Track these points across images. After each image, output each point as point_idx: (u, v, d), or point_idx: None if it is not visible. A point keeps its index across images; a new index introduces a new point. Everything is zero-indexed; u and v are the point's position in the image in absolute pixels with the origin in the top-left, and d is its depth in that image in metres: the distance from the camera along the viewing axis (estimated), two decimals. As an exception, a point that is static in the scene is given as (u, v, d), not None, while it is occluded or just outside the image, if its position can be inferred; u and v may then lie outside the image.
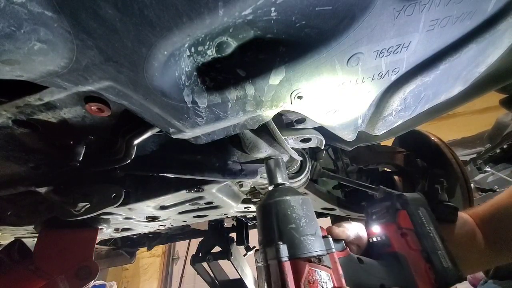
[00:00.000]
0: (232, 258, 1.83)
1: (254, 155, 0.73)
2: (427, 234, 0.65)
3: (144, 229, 1.44)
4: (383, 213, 0.73)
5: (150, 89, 0.42)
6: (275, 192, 0.58)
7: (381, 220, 0.72)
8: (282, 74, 0.46)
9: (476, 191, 2.44)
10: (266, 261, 0.50)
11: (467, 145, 2.94)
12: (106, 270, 4.72)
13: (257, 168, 0.82)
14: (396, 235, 0.67)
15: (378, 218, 0.73)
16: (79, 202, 0.77)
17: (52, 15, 0.32)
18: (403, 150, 1.29)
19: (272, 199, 0.55)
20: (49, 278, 0.94)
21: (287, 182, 0.64)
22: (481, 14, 0.49)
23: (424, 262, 0.62)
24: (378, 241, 0.70)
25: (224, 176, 0.78)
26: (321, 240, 0.52)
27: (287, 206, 0.53)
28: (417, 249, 0.64)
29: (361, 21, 0.41)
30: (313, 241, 0.50)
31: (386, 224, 0.70)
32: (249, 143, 0.67)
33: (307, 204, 0.56)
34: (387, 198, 0.75)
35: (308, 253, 0.49)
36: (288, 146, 0.67)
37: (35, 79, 0.39)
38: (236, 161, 0.81)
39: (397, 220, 0.68)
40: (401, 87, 0.57)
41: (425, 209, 0.69)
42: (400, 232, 0.67)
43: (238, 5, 0.35)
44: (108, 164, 0.67)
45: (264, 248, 0.52)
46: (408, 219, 0.67)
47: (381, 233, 0.70)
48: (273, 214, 0.53)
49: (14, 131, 0.56)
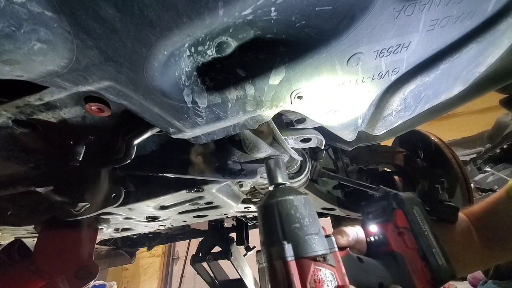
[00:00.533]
0: (232, 258, 1.83)
1: (254, 155, 0.73)
2: (422, 233, 0.66)
3: (144, 229, 1.44)
4: (380, 212, 0.74)
5: (150, 89, 0.42)
6: (276, 192, 0.58)
7: (378, 219, 0.73)
8: (282, 74, 0.46)
9: (476, 191, 2.44)
10: (271, 262, 0.50)
11: (467, 145, 2.94)
12: (106, 270, 4.72)
13: (257, 168, 0.82)
14: (393, 234, 0.68)
15: (374, 217, 0.74)
16: (79, 202, 0.77)
17: (52, 15, 0.32)
18: (403, 150, 1.29)
19: (274, 199, 0.55)
20: (49, 278, 0.94)
21: (287, 182, 0.64)
22: (481, 14, 0.49)
23: (420, 260, 0.63)
24: (376, 240, 0.70)
25: (224, 176, 0.78)
26: (324, 239, 0.52)
27: (290, 206, 0.53)
28: (414, 247, 0.65)
29: (361, 21, 0.41)
30: (317, 240, 0.51)
31: (383, 223, 0.71)
32: (249, 143, 0.67)
33: (309, 203, 0.56)
34: (383, 198, 0.76)
35: (313, 252, 0.49)
36: (288, 146, 0.67)
37: (35, 79, 0.39)
38: (236, 161, 0.80)
39: (393, 219, 0.69)
40: (401, 87, 0.57)
41: (419, 208, 0.70)
42: (397, 231, 0.67)
43: (238, 5, 0.35)
44: (108, 164, 0.67)
45: (268, 248, 0.51)
46: (404, 218, 0.68)
47: (378, 232, 0.71)
48: (276, 214, 0.53)
49: (14, 131, 0.56)
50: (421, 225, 0.67)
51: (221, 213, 1.21)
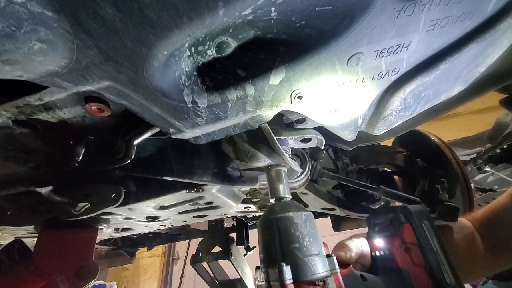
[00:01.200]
0: (232, 258, 1.83)
1: (253, 164, 0.72)
2: (431, 249, 0.63)
3: (144, 229, 1.44)
4: (387, 225, 0.71)
5: (150, 89, 0.42)
6: (276, 207, 0.56)
7: (385, 232, 0.70)
8: (282, 74, 0.46)
9: (476, 191, 2.44)
10: (268, 282, 0.48)
11: (467, 145, 2.94)
12: (106, 270, 4.72)
13: (256, 175, 0.81)
14: (399, 250, 0.66)
15: (381, 230, 0.72)
16: (79, 202, 0.77)
17: (52, 15, 0.32)
18: (403, 150, 1.29)
19: (274, 215, 0.53)
20: (49, 278, 0.94)
21: (289, 195, 0.61)
22: (481, 14, 0.49)
23: (428, 278, 0.61)
24: (382, 255, 0.68)
25: (222, 182, 0.78)
26: (325, 260, 0.50)
27: (290, 224, 0.51)
28: (421, 264, 0.62)
29: (361, 21, 0.41)
30: (317, 262, 0.48)
31: (390, 238, 0.68)
32: (248, 152, 0.67)
33: (310, 220, 0.53)
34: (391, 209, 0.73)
35: (313, 275, 0.47)
36: (287, 157, 0.65)
37: (35, 79, 0.39)
38: (235, 168, 0.80)
39: (401, 234, 0.67)
40: (401, 87, 0.57)
41: (429, 222, 0.67)
42: (404, 247, 0.65)
43: (238, 5, 0.35)
44: (108, 164, 0.67)
45: (266, 268, 0.50)
46: (412, 233, 0.65)
47: (384, 247, 0.68)
48: (275, 231, 0.51)
49: (14, 131, 0.56)
50: (430, 241, 0.64)
51: (221, 213, 1.21)
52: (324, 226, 1.96)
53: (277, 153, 0.62)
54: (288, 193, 0.62)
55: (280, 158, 0.65)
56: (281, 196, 0.61)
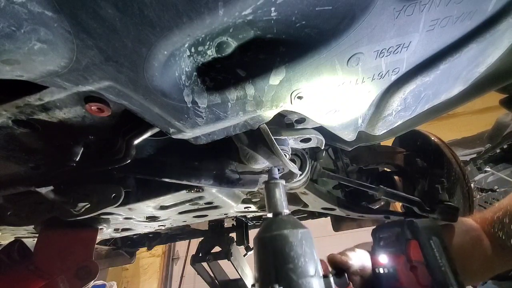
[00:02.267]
0: (232, 258, 1.83)
1: (252, 166, 0.72)
2: (438, 268, 0.59)
3: (144, 229, 1.43)
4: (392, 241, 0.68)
5: (150, 89, 0.42)
6: (272, 224, 0.54)
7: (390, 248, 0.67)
8: (282, 74, 0.46)
9: (476, 191, 2.44)
10: None
11: (467, 145, 2.93)
12: (106, 270, 4.71)
13: (256, 178, 0.79)
14: (404, 269, 0.62)
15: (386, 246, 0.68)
16: (79, 202, 0.77)
17: (52, 15, 0.32)
18: (403, 150, 1.29)
19: (269, 233, 0.52)
20: (49, 278, 0.93)
21: (286, 210, 0.59)
22: (481, 14, 0.48)
23: None
24: (385, 273, 0.65)
25: (221, 184, 0.77)
26: (321, 281, 0.48)
27: (285, 243, 0.49)
28: (427, 285, 0.59)
29: (361, 21, 0.41)
30: (312, 284, 0.47)
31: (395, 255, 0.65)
32: (247, 154, 0.66)
33: (306, 238, 0.52)
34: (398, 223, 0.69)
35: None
36: (286, 160, 0.64)
37: (35, 79, 0.39)
38: (234, 170, 0.79)
39: (406, 251, 0.63)
40: (401, 87, 0.57)
41: (438, 238, 0.63)
42: (410, 266, 0.62)
43: (238, 5, 0.35)
44: (108, 164, 0.67)
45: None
46: (418, 251, 0.61)
47: (388, 264, 0.65)
48: (270, 250, 0.49)
49: (14, 131, 0.56)
50: (438, 259, 0.60)
51: (221, 213, 1.20)
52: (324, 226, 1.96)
53: (275, 155, 0.62)
54: (285, 208, 0.60)
55: (278, 161, 0.65)
56: (278, 211, 0.58)
